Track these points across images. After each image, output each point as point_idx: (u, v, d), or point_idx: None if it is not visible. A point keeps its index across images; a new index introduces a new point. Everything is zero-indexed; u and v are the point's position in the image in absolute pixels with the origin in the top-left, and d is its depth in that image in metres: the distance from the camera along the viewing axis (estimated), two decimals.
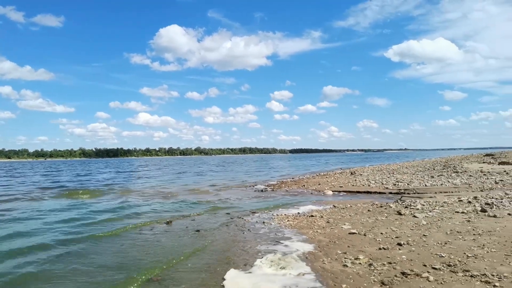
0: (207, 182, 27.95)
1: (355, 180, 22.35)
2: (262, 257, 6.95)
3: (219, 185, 24.56)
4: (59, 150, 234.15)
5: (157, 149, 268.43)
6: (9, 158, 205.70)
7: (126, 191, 21.35)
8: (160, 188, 23.04)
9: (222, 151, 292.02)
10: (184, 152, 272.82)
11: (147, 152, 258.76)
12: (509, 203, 10.91)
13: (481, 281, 5.06)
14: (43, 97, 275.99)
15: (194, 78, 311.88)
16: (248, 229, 9.65)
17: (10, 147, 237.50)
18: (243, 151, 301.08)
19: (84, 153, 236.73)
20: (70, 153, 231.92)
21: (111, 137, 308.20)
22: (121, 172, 47.93)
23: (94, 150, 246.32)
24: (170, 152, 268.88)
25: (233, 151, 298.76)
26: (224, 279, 5.96)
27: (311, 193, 17.76)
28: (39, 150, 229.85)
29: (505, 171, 23.19)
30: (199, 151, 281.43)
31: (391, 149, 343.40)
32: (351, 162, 65.89)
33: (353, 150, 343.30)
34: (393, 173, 26.75)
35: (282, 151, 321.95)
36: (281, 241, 8.16)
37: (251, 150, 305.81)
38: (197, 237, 9.05)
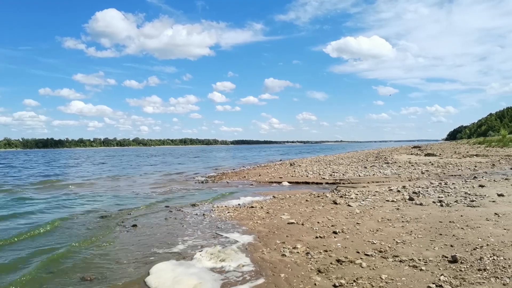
0: (145, 174, 27.15)
1: (294, 171, 22.87)
2: (201, 250, 6.85)
3: (158, 177, 23.95)
4: None
5: (92, 139, 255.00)
6: None
7: (62, 184, 20.10)
8: (93, 179, 21.99)
9: (162, 142, 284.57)
10: (121, 143, 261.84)
11: (81, 142, 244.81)
12: (434, 191, 11.76)
13: (409, 265, 5.37)
14: None
15: (133, 65, 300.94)
16: (188, 222, 9.48)
17: None
18: (184, 142, 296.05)
19: (9, 144, 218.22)
20: None
21: (40, 127, 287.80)
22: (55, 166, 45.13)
23: (21, 140, 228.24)
24: (106, 143, 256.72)
25: (173, 142, 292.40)
26: (149, 274, 5.78)
27: (252, 184, 17.89)
28: None
29: (430, 162, 25.01)
30: (138, 142, 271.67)
31: (328, 141, 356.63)
32: (290, 154, 67.42)
33: (292, 142, 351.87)
34: (330, 164, 27.74)
35: (224, 142, 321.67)
36: (221, 233, 8.11)
37: (192, 141, 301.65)
38: (133, 232, 8.70)
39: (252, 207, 10.97)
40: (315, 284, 4.98)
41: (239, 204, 11.92)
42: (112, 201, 13.57)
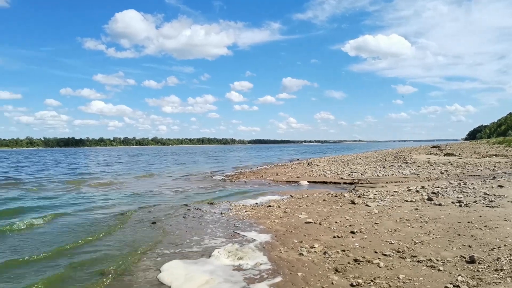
0: (165, 172, 27.52)
1: (312, 170, 22.84)
2: (219, 248, 6.97)
3: (176, 176, 24.26)
4: (4, 139, 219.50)
5: (112, 139, 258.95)
6: None
7: (91, 183, 20.59)
8: (114, 178, 22.43)
9: (180, 142, 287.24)
10: (140, 142, 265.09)
11: (101, 142, 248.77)
12: (453, 192, 11.62)
13: (427, 265, 5.37)
14: None
15: (152, 66, 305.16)
16: (206, 220, 9.63)
17: None
18: (201, 141, 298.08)
19: (31, 143, 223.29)
20: (16, 143, 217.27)
21: (61, 126, 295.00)
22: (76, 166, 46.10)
23: (42, 139, 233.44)
24: (126, 142, 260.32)
25: (191, 141, 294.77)
26: (164, 270, 5.94)
27: (269, 184, 17.97)
28: None
29: (449, 162, 24.60)
30: (156, 141, 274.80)
31: (346, 141, 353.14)
32: (308, 153, 67.17)
33: (310, 141, 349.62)
34: (348, 163, 27.58)
35: (241, 142, 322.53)
36: (238, 232, 8.22)
37: (210, 141, 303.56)
38: (152, 229, 8.90)
39: (270, 206, 11.05)
40: (332, 283, 5.03)
41: (256, 203, 12.02)
42: (132, 199, 13.87)
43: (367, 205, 10.25)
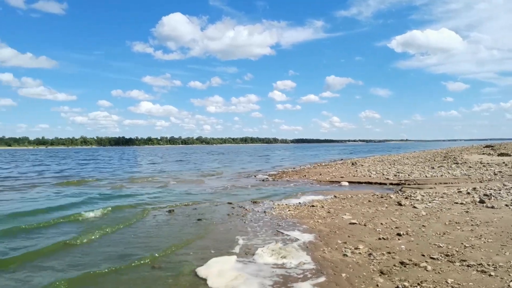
0: (210, 171, 28.09)
1: (356, 170, 22.47)
2: (263, 246, 7.08)
3: (221, 175, 24.71)
4: (60, 138, 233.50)
5: (159, 138, 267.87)
6: (9, 145, 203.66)
7: (135, 180, 21.49)
8: (165, 177, 23.20)
9: (224, 141, 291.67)
10: (185, 142, 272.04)
11: (149, 141, 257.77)
12: (507, 194, 11.04)
13: (477, 270, 5.19)
14: (44, 85, 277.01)
15: (197, 67, 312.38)
16: (249, 219, 9.78)
17: (10, 134, 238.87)
18: (244, 140, 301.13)
19: (85, 142, 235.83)
20: (71, 141, 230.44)
21: (113, 126, 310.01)
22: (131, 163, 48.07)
23: (95, 138, 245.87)
24: (172, 141, 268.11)
25: (234, 140, 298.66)
26: (205, 265, 6.14)
27: (312, 183, 17.88)
28: (40, 138, 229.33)
29: (504, 162, 23.24)
30: (201, 141, 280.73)
31: (393, 140, 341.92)
32: (352, 153, 65.91)
33: (354, 141, 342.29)
34: (394, 164, 26.83)
35: (284, 141, 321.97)
36: (282, 231, 8.29)
37: (253, 140, 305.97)
38: (198, 226, 9.19)
39: (313, 206, 11.03)
40: (377, 285, 4.99)
41: (299, 202, 12.04)
42: (180, 197, 14.31)
43: (414, 207, 9.98)
